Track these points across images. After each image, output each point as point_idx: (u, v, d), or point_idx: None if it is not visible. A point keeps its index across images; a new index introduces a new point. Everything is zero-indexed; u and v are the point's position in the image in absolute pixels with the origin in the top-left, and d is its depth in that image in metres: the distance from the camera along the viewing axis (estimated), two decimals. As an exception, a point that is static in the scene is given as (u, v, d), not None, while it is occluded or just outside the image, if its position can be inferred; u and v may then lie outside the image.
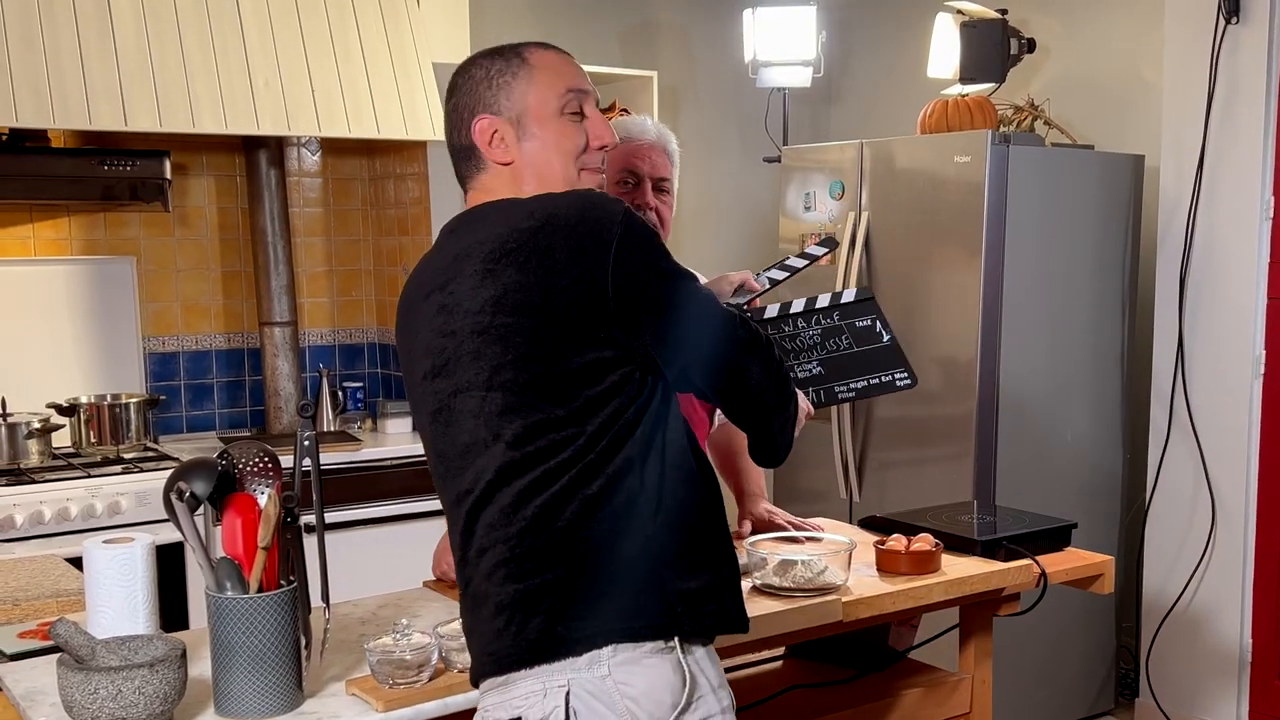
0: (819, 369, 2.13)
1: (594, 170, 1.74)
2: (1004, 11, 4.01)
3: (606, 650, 1.54)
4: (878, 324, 2.16)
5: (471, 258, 1.61)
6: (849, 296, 2.18)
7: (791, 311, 2.16)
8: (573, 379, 1.55)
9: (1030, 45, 4.06)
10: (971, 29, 4.00)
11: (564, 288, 1.55)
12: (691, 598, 1.58)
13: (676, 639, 1.57)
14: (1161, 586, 3.92)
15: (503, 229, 1.60)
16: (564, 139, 1.70)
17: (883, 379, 2.14)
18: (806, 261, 2.25)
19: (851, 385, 2.13)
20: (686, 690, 1.56)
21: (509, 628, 1.56)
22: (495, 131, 1.69)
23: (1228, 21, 3.62)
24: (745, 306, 2.14)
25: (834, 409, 4.03)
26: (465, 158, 1.74)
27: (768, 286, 2.17)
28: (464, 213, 1.72)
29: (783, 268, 2.21)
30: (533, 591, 1.55)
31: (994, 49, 3.98)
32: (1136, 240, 4.03)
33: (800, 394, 1.84)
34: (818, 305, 2.17)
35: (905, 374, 2.16)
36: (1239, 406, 3.71)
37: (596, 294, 1.54)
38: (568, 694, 1.53)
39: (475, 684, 1.66)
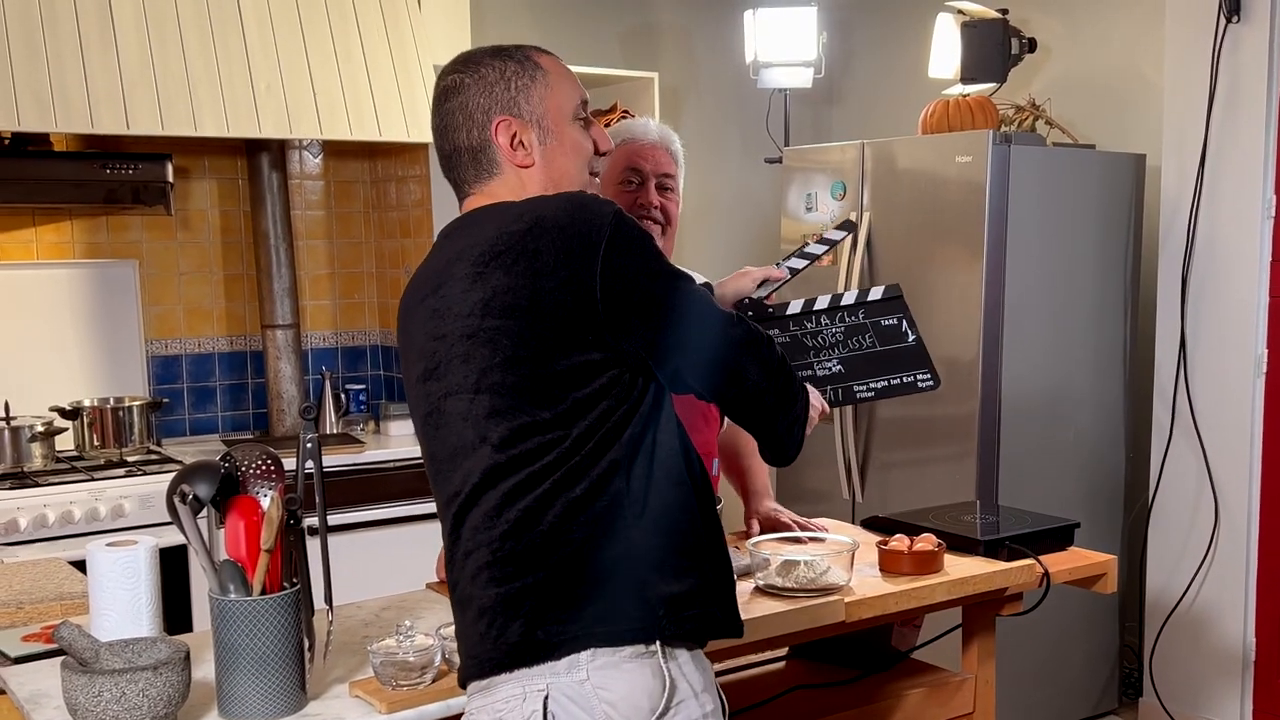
0: (839, 367, 2.09)
1: (599, 174, 1.77)
2: (1005, 11, 4.01)
3: (585, 654, 1.53)
4: (904, 323, 2.12)
5: (463, 261, 1.61)
6: (876, 294, 2.13)
7: (815, 308, 2.12)
8: (560, 381, 1.55)
9: (1031, 45, 4.06)
10: (972, 29, 4.00)
11: (551, 290, 1.54)
12: (674, 602, 1.57)
13: (658, 643, 1.56)
14: (1165, 585, 3.92)
15: (492, 231, 1.59)
16: (580, 144, 1.71)
17: (904, 379, 2.10)
18: (826, 247, 2.20)
19: (871, 385, 2.09)
20: (665, 695, 1.55)
21: (490, 631, 1.56)
22: (516, 134, 1.67)
23: (1229, 20, 3.62)
24: (767, 300, 2.11)
25: (835, 409, 4.02)
26: (473, 159, 1.70)
27: (788, 276, 2.13)
28: (460, 217, 1.72)
29: (803, 255, 2.17)
30: (513, 595, 1.55)
31: (995, 49, 3.98)
32: (1138, 239, 4.03)
33: (814, 391, 1.83)
34: (843, 302, 2.12)
35: (928, 375, 2.11)
36: (1241, 405, 3.71)
37: (584, 296, 1.54)
38: (546, 698, 1.53)
39: (462, 686, 1.66)
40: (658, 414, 1.62)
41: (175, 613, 3.25)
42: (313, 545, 1.84)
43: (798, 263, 2.15)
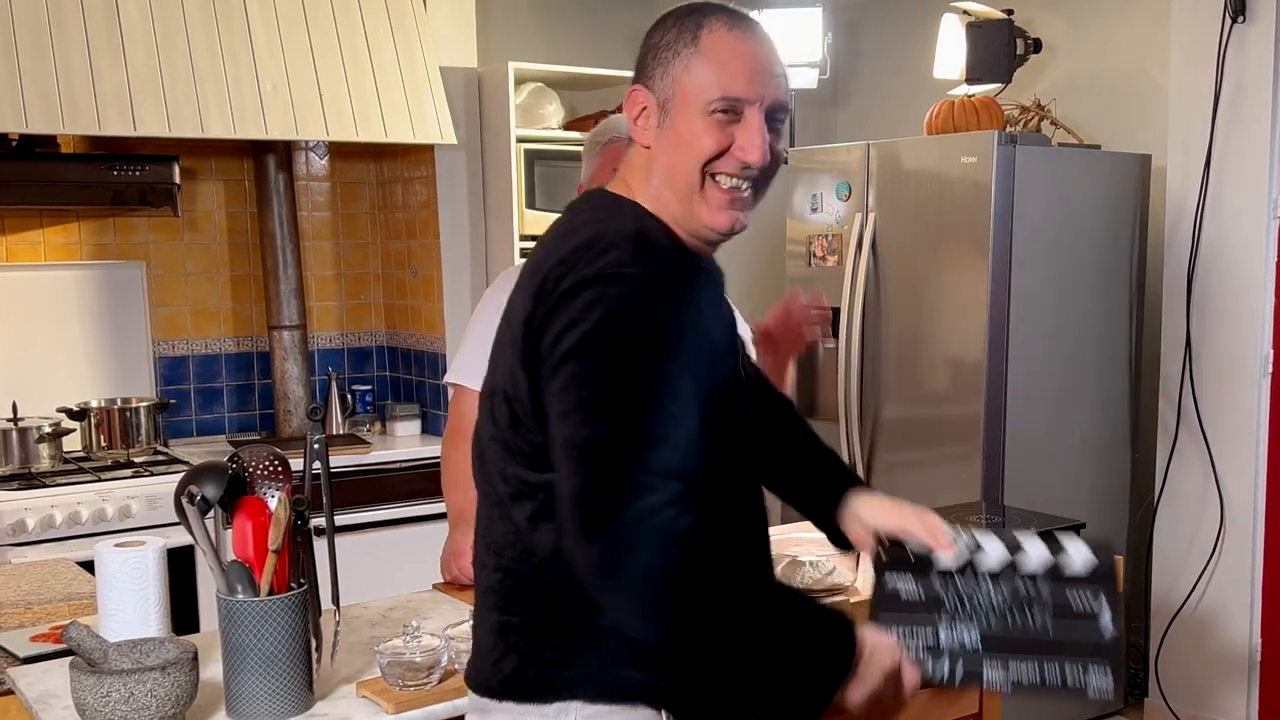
0: (975, 638, 1.50)
1: (727, 176, 1.48)
2: (1010, 12, 4.02)
3: (575, 704, 1.46)
4: (1105, 609, 1.49)
5: (530, 259, 1.53)
6: (1079, 567, 1.51)
7: (981, 568, 1.52)
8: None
9: (1036, 45, 4.06)
10: (977, 29, 4.00)
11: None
12: (673, 670, 1.47)
13: (663, 712, 1.47)
14: (1170, 586, 3.92)
15: (543, 252, 1.48)
16: (698, 138, 1.45)
17: (1069, 673, 1.46)
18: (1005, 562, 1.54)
19: (1016, 669, 1.48)
20: None
21: (490, 654, 1.53)
22: (644, 108, 1.50)
23: (1234, 20, 3.62)
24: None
25: (840, 409, 4.02)
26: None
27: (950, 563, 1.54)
28: (586, 194, 1.60)
29: (978, 547, 1.54)
30: (513, 628, 1.50)
31: (1000, 49, 3.98)
32: (1144, 240, 4.03)
33: (909, 660, 1.47)
34: (1026, 570, 1.52)
35: (1106, 675, 1.46)
36: (1247, 405, 3.71)
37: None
38: None
39: (466, 682, 1.62)
40: None
41: (183, 613, 3.26)
42: (320, 546, 1.84)
43: (969, 551, 1.55)
